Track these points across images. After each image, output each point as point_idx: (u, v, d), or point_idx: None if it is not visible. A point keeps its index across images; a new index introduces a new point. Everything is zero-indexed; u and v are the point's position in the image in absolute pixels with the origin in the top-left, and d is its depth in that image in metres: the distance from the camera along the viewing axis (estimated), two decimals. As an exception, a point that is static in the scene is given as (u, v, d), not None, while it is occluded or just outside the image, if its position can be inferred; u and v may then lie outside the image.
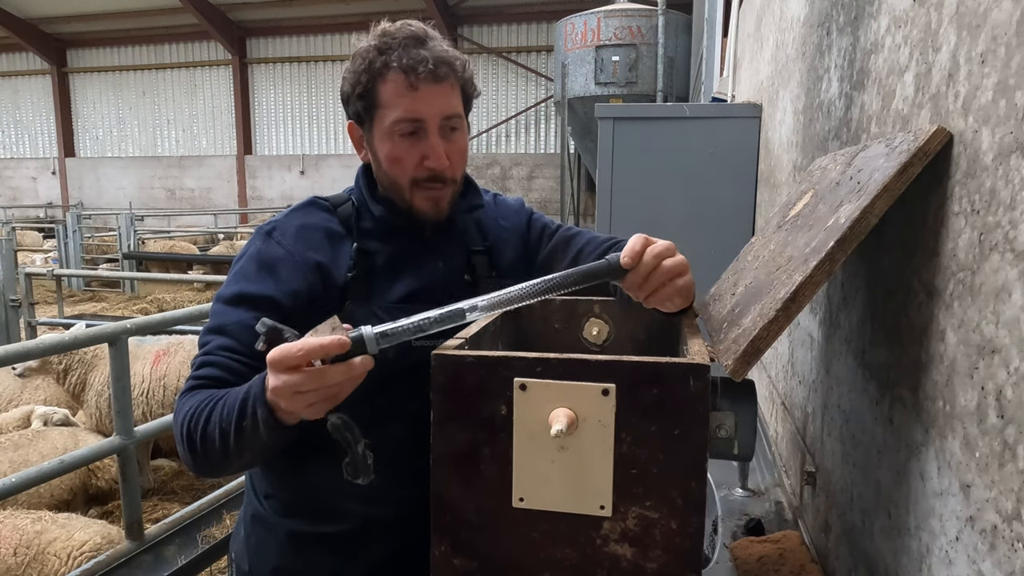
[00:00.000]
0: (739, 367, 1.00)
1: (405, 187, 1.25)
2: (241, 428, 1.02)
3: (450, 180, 1.26)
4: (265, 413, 0.99)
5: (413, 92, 1.18)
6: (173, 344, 4.74)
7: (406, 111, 1.19)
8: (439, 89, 1.19)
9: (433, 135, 1.21)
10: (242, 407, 1.02)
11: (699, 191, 3.19)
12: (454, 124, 1.24)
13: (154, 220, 18.31)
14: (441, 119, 1.21)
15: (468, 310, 1.00)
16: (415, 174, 1.23)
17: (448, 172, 1.24)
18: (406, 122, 1.20)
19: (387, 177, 1.27)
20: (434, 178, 1.23)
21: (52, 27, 21.42)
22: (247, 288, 1.20)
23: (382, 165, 1.26)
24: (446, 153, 1.22)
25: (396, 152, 1.22)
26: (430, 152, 1.21)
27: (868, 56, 1.32)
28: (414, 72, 1.17)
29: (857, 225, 0.95)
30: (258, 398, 1.00)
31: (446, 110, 1.21)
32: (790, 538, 1.61)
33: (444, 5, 18.15)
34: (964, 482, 0.82)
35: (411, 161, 1.22)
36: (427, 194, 1.25)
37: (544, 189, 18.71)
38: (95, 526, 2.93)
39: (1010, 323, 0.73)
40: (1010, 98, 0.76)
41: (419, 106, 1.19)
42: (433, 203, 1.26)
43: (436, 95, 1.19)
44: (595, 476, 0.92)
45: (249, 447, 1.05)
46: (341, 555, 1.27)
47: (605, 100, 12.27)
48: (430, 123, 1.20)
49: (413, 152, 1.22)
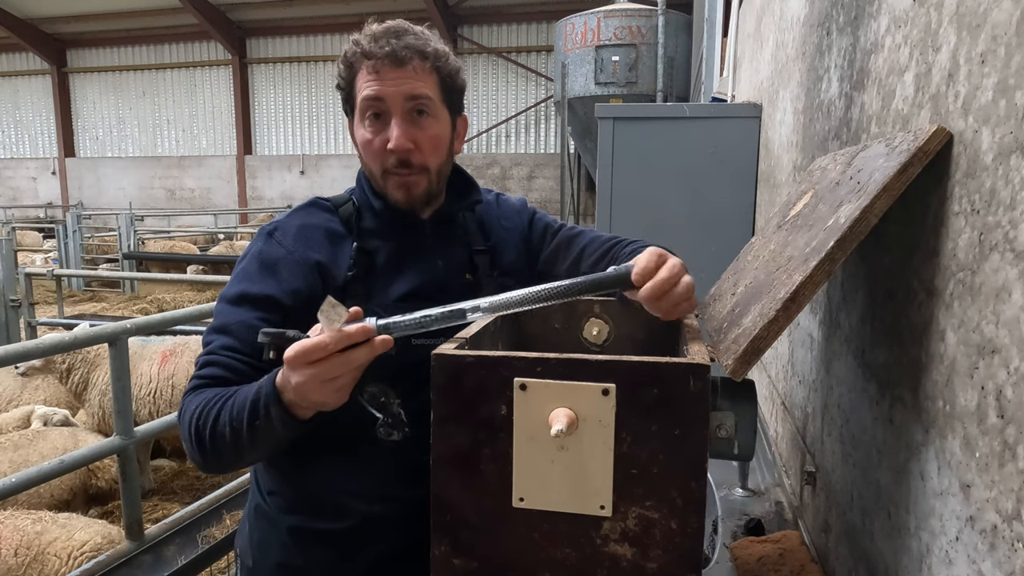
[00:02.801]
0: (739, 367, 1.00)
1: (379, 175, 1.27)
2: (254, 427, 1.05)
3: (418, 166, 1.25)
4: (280, 411, 1.02)
5: (375, 75, 1.21)
6: (179, 344, 4.76)
7: (368, 92, 1.21)
8: (402, 72, 1.21)
9: (396, 116, 1.22)
10: (254, 406, 1.04)
11: (699, 191, 3.18)
12: (421, 106, 1.23)
13: (154, 220, 18.31)
14: (404, 99, 1.21)
15: (470, 310, 1.00)
16: (384, 161, 1.24)
17: (415, 158, 1.24)
18: (369, 101, 1.22)
19: (366, 167, 1.29)
20: (401, 163, 1.24)
21: (52, 27, 21.42)
22: (249, 288, 1.22)
23: (361, 154, 1.28)
24: (413, 138, 1.23)
25: (365, 136, 1.25)
26: (391, 134, 1.22)
27: (868, 56, 1.32)
28: (375, 56, 1.20)
29: (857, 225, 0.95)
30: (271, 397, 1.03)
31: (408, 91, 1.21)
32: (790, 538, 1.61)
33: (444, 5, 18.15)
34: (964, 482, 0.82)
35: (379, 145, 1.23)
36: (396, 180, 1.26)
37: (544, 189, 18.71)
38: (95, 526, 2.93)
39: (1010, 323, 0.73)
40: (1010, 98, 0.76)
41: (381, 87, 1.21)
42: (404, 189, 1.26)
43: (398, 77, 1.21)
44: (595, 476, 0.92)
45: (262, 443, 1.08)
46: (342, 552, 1.28)
47: (605, 100, 12.27)
48: (391, 103, 1.21)
49: (380, 136, 1.23)
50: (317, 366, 0.95)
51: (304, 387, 0.97)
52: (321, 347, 0.94)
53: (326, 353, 0.94)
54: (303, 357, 0.95)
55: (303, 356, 0.95)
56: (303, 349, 0.94)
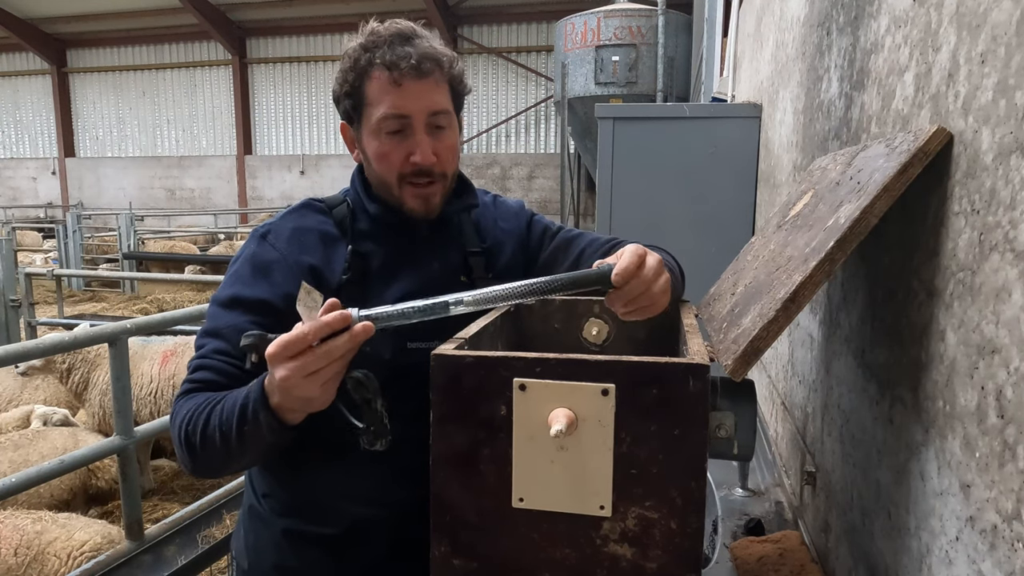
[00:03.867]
0: (739, 367, 1.00)
1: (394, 184, 1.25)
2: (242, 432, 1.04)
3: (439, 176, 1.25)
4: (268, 416, 1.01)
5: (397, 88, 1.18)
6: (180, 344, 4.76)
7: (391, 107, 1.19)
8: (423, 85, 1.19)
9: (419, 131, 1.21)
10: (242, 412, 1.04)
11: (699, 191, 3.18)
12: (441, 121, 1.23)
13: (154, 220, 18.31)
14: (427, 115, 1.21)
15: (453, 304, 1.00)
16: (402, 170, 1.23)
17: (437, 168, 1.24)
18: (392, 118, 1.20)
19: (377, 175, 1.27)
20: (421, 173, 1.23)
21: (52, 27, 21.41)
22: (241, 291, 1.22)
23: (372, 163, 1.26)
24: (434, 149, 1.22)
25: (383, 149, 1.23)
26: (416, 148, 1.21)
27: (868, 56, 1.32)
28: (397, 68, 1.17)
29: (857, 225, 0.95)
30: (258, 402, 1.02)
31: (431, 106, 1.21)
32: (790, 538, 1.61)
33: (444, 5, 18.15)
34: (964, 482, 0.82)
35: (398, 158, 1.22)
36: (416, 190, 1.25)
37: (544, 189, 18.71)
38: (95, 526, 2.93)
39: (1010, 323, 0.73)
40: (1010, 98, 0.75)
41: (404, 102, 1.19)
42: (423, 200, 1.26)
43: (421, 91, 1.19)
44: (595, 476, 0.91)
45: (251, 449, 1.07)
46: (336, 554, 1.28)
47: (605, 100, 12.26)
48: (416, 119, 1.20)
49: (400, 149, 1.22)
50: (299, 359, 0.94)
51: (288, 382, 0.95)
52: (300, 338, 0.93)
53: (306, 344, 0.93)
54: (284, 351, 0.94)
55: (283, 350, 0.94)
56: (283, 343, 0.94)
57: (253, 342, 0.97)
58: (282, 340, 0.94)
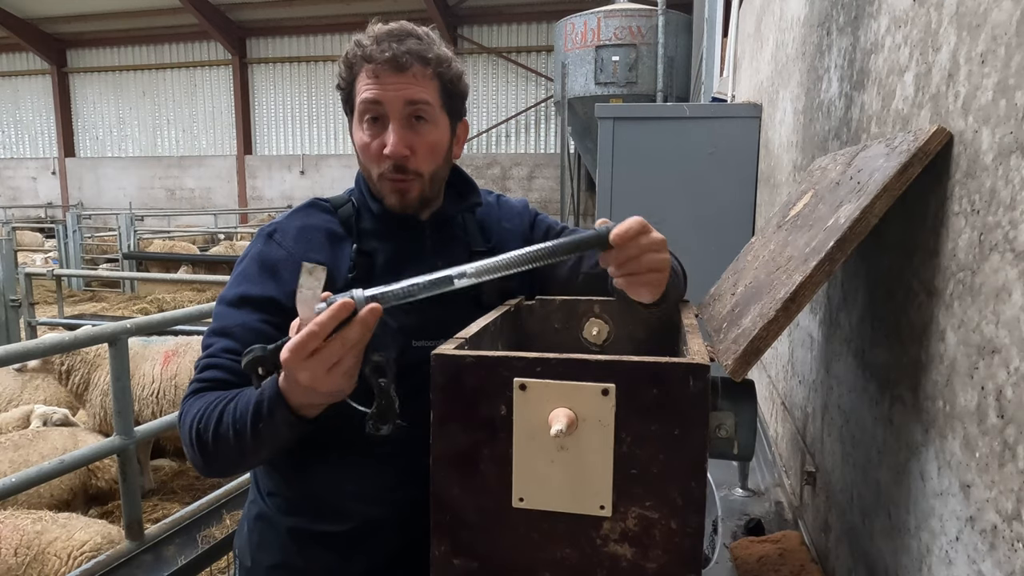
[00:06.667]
0: (739, 367, 1.00)
1: (375, 178, 1.27)
2: (257, 429, 1.05)
3: (413, 172, 1.25)
4: (284, 412, 1.02)
5: (375, 79, 1.20)
6: (182, 344, 4.76)
7: (368, 95, 1.21)
8: (402, 77, 1.20)
9: (394, 121, 1.21)
10: (257, 408, 1.04)
11: (699, 191, 3.18)
12: (420, 112, 1.23)
13: (154, 220, 18.31)
14: (403, 104, 1.21)
15: (456, 277, 1.00)
16: (379, 165, 1.24)
17: (411, 163, 1.24)
18: (368, 103, 1.21)
19: (364, 169, 1.29)
20: (396, 168, 1.23)
21: (52, 27, 21.41)
22: (249, 290, 1.22)
23: (359, 156, 1.28)
24: (410, 144, 1.22)
25: (363, 139, 1.24)
26: (388, 139, 1.22)
27: (868, 56, 1.32)
28: (376, 60, 1.19)
29: (857, 225, 0.95)
30: (274, 400, 1.02)
31: (408, 96, 1.21)
32: (790, 538, 1.61)
33: (444, 5, 18.15)
34: (964, 482, 0.82)
35: (375, 149, 1.23)
36: (391, 185, 1.25)
37: (544, 189, 18.71)
38: (95, 526, 2.93)
39: (1010, 323, 0.73)
40: (1010, 98, 0.76)
41: (380, 91, 1.20)
42: (399, 195, 1.26)
43: (398, 83, 1.20)
44: (595, 476, 0.92)
45: (266, 446, 1.08)
46: (341, 554, 1.28)
47: (605, 100, 12.27)
48: (390, 108, 1.21)
49: (378, 140, 1.23)
50: (317, 356, 0.94)
51: (314, 381, 0.96)
52: (312, 336, 0.93)
53: (319, 340, 0.93)
54: (299, 352, 0.94)
55: (299, 351, 0.94)
56: (296, 344, 0.94)
57: (256, 355, 0.97)
58: (294, 343, 0.94)
